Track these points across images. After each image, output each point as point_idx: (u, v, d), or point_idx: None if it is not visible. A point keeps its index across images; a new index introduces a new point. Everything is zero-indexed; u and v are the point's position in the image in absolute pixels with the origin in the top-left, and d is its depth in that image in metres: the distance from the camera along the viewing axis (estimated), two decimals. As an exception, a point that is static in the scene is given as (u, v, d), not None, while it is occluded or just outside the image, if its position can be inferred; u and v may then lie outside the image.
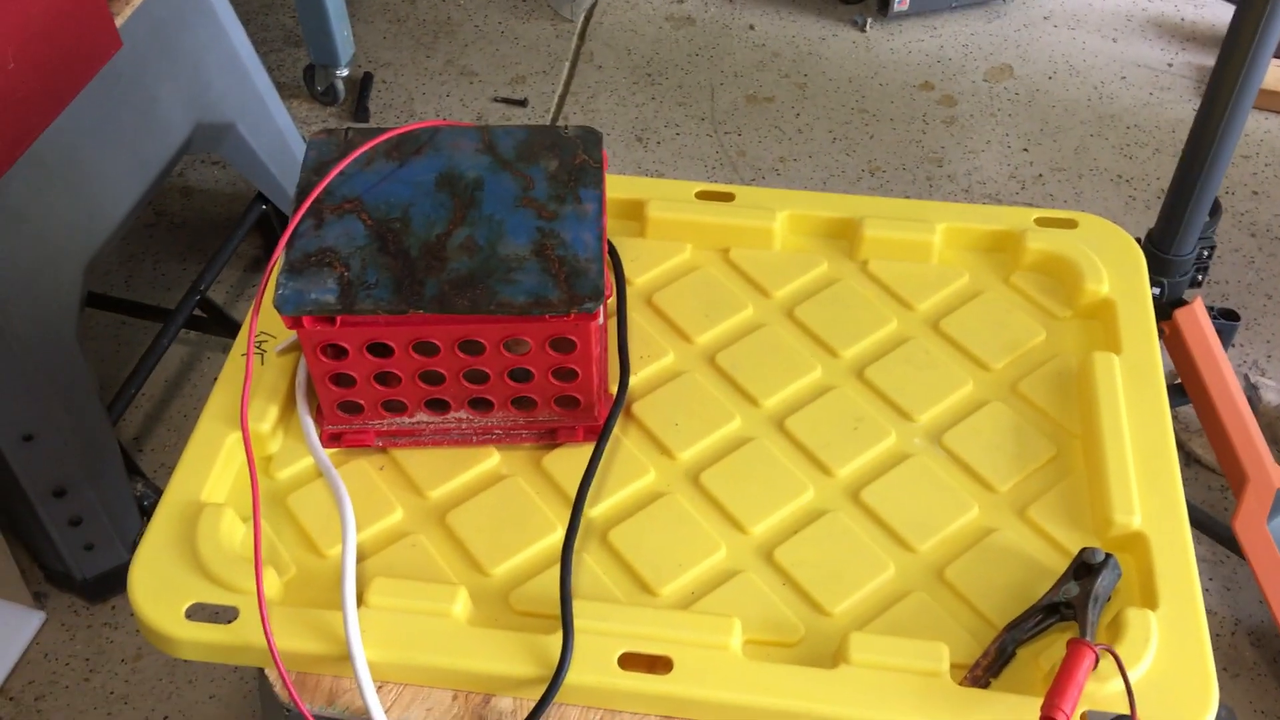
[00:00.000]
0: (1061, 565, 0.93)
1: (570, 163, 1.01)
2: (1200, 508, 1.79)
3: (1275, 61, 2.45)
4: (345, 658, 0.86)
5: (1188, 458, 1.88)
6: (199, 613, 0.90)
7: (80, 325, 1.56)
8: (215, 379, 1.05)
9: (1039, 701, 0.82)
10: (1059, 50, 2.67)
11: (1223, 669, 1.65)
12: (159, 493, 1.77)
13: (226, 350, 2.02)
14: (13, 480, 1.54)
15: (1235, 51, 1.43)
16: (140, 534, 1.72)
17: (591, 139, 1.03)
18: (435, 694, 0.88)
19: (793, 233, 1.19)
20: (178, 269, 2.23)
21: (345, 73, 2.51)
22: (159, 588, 0.90)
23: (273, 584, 0.91)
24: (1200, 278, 1.74)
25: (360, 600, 0.89)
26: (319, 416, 1.02)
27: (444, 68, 2.67)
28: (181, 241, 2.29)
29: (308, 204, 0.97)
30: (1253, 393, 1.89)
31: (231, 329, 1.98)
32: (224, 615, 0.89)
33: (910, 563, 0.95)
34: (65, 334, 1.52)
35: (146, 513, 1.73)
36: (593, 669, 0.86)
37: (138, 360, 1.84)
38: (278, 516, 0.98)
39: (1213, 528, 1.69)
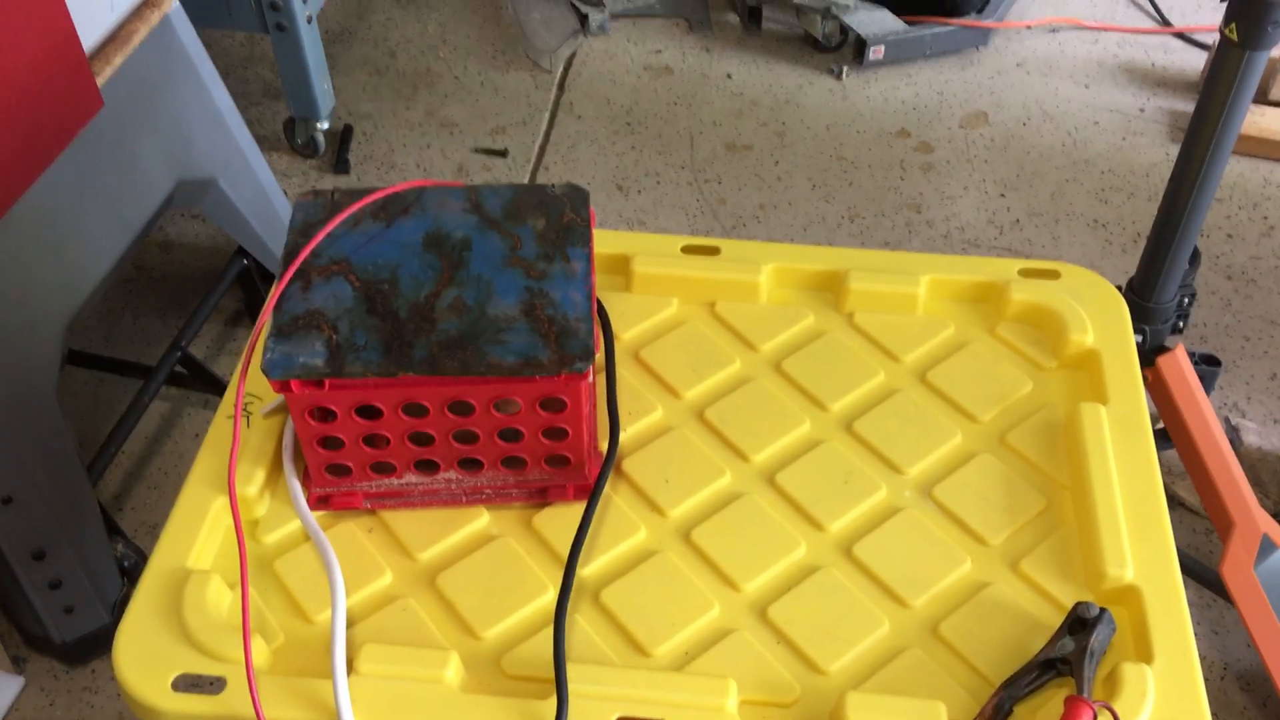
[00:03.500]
0: (1055, 619, 0.93)
1: (558, 221, 1.01)
2: (1186, 553, 1.79)
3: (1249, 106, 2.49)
4: (336, 727, 0.85)
5: (1172, 501, 1.88)
6: (186, 683, 0.88)
7: (60, 383, 1.54)
8: (196, 435, 1.04)
9: (1038, 760, 0.81)
10: (1032, 97, 2.71)
11: (1213, 714, 1.65)
12: (140, 553, 1.75)
13: (207, 406, 2.00)
14: (-9, 543, 1.52)
15: (1212, 103, 1.45)
16: (121, 596, 1.70)
17: (579, 197, 1.04)
18: (428, 762, 0.87)
19: (778, 286, 1.19)
20: (158, 324, 2.22)
21: (326, 125, 2.51)
22: (145, 658, 0.89)
23: (261, 652, 0.90)
24: (1182, 325, 1.75)
25: (350, 668, 0.88)
26: (306, 479, 1.01)
27: (424, 119, 2.67)
28: (161, 296, 2.28)
29: (295, 266, 0.97)
30: (1233, 435, 1.91)
31: (212, 384, 1.97)
32: (211, 685, 0.87)
33: (904, 619, 0.94)
34: (45, 394, 1.50)
35: (127, 573, 1.70)
36: (588, 734, 0.85)
37: (118, 418, 1.82)
38: (265, 582, 0.97)
39: (1199, 572, 1.70)
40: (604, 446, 1.04)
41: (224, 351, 2.15)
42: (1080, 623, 0.89)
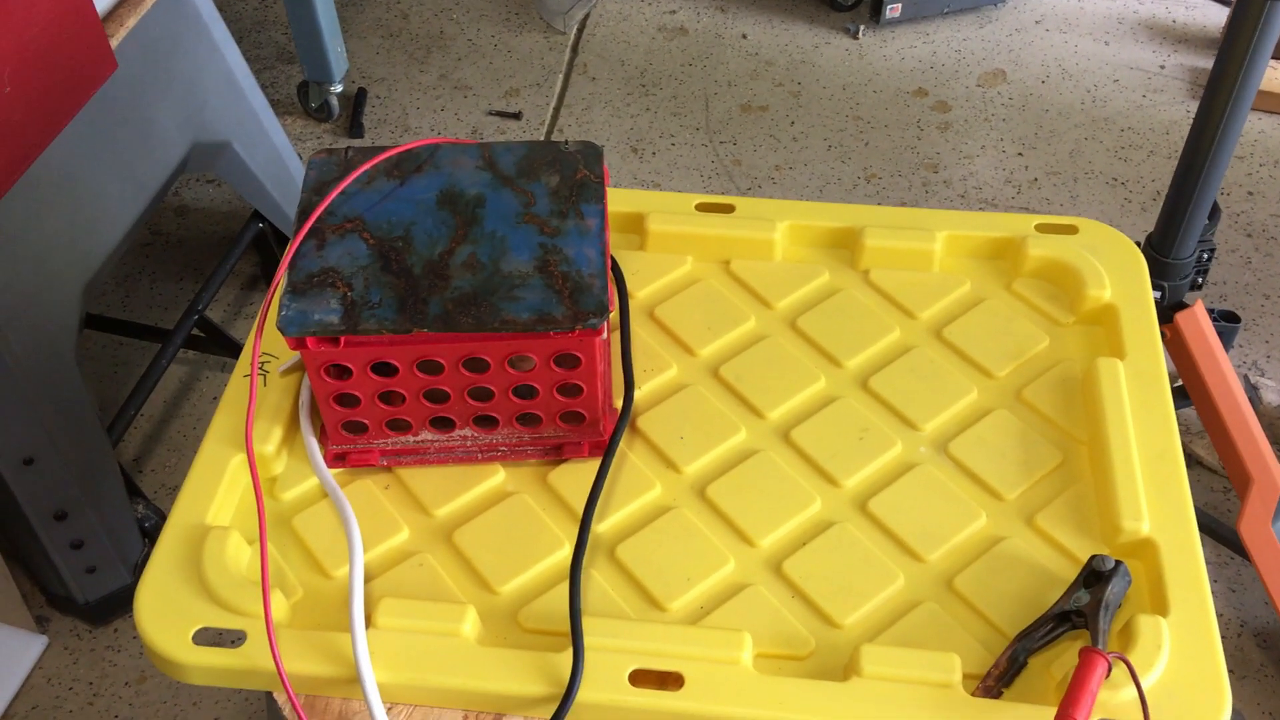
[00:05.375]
0: (1071, 573, 0.93)
1: (571, 178, 1.01)
2: (1204, 510, 1.79)
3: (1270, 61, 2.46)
4: (355, 680, 0.85)
5: (1189, 460, 1.88)
6: (207, 637, 0.89)
7: (79, 347, 1.55)
8: (214, 398, 1.04)
9: (1052, 711, 0.82)
10: (1051, 54, 2.68)
11: (1229, 671, 1.65)
12: (160, 514, 1.77)
13: (225, 369, 2.02)
14: (13, 504, 1.54)
15: (1232, 56, 1.44)
16: (143, 556, 1.72)
17: (592, 154, 1.03)
18: (446, 715, 0.88)
19: (793, 243, 1.19)
20: (174, 288, 2.23)
21: (339, 89, 2.51)
22: (166, 613, 0.90)
23: (280, 606, 0.90)
24: (1200, 280, 1.74)
25: (369, 621, 0.89)
26: (323, 437, 1.01)
27: (438, 82, 2.67)
28: (178, 260, 2.29)
29: (309, 224, 0.97)
30: (1253, 393, 1.90)
31: (230, 347, 1.98)
32: (232, 639, 0.88)
33: (919, 573, 0.95)
34: (64, 356, 1.51)
35: (148, 534, 1.72)
36: (604, 687, 0.85)
37: (136, 381, 1.83)
38: (283, 538, 0.97)
39: (1217, 530, 1.69)
40: (619, 404, 1.04)
41: (241, 315, 2.16)
42: (1096, 575, 0.89)
